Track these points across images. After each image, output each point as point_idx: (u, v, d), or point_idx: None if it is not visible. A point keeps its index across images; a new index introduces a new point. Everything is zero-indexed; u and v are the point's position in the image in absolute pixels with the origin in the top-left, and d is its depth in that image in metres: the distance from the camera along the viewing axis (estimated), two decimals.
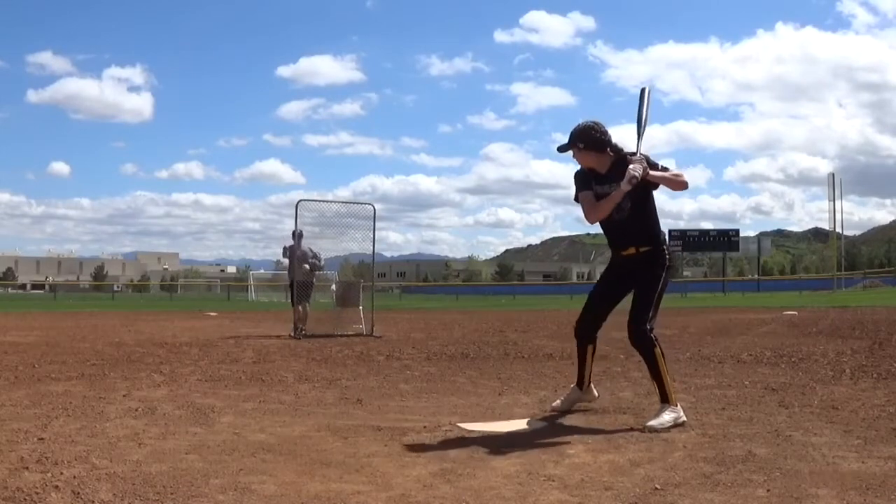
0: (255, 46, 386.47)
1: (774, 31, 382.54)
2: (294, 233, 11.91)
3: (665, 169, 4.16)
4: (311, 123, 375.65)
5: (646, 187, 4.12)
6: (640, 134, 4.22)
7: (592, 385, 4.63)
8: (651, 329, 4.12)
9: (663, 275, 4.19)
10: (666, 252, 4.24)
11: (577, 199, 4.33)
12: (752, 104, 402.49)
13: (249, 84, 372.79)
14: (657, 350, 4.11)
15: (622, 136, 4.38)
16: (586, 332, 4.45)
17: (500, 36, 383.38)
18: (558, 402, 4.62)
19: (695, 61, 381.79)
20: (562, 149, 4.24)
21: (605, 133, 4.18)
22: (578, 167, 4.30)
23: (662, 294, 4.22)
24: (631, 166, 3.99)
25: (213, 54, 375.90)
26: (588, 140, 4.14)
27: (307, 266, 11.91)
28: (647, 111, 4.29)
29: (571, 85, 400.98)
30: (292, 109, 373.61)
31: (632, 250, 4.24)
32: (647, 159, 4.08)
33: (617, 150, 4.18)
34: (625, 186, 4.00)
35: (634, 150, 4.13)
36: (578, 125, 4.21)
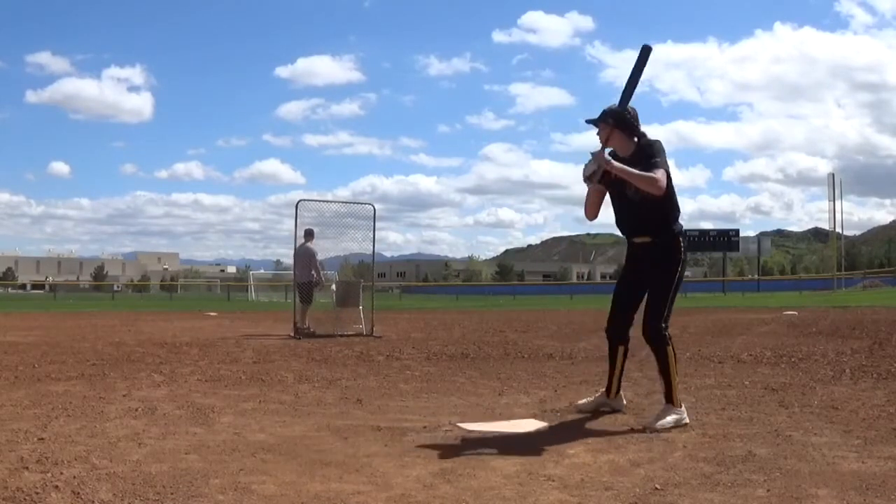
0: (254, 47, 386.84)
1: (773, 31, 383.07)
2: (306, 231, 11.99)
3: (652, 165, 3.97)
4: (311, 123, 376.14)
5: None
6: (626, 94, 4.11)
7: (622, 395, 4.52)
8: (666, 327, 4.10)
9: (679, 269, 4.12)
10: (682, 244, 4.16)
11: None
12: (751, 104, 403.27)
13: (248, 84, 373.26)
14: (669, 349, 4.09)
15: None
16: (616, 332, 4.37)
17: (499, 36, 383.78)
18: (584, 402, 4.57)
19: (693, 61, 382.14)
20: (590, 121, 4.21)
21: (637, 120, 4.16)
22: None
23: (678, 290, 4.15)
24: (588, 162, 4.05)
25: (211, 54, 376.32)
26: (619, 119, 4.11)
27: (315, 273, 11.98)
28: (639, 71, 4.14)
29: (570, 85, 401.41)
30: (291, 109, 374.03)
31: (646, 238, 4.18)
32: (647, 152, 4.03)
33: (641, 137, 4.14)
34: (586, 184, 4.11)
35: (654, 141, 4.08)
36: (613, 105, 4.18)
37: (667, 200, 4.07)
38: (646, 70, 4.17)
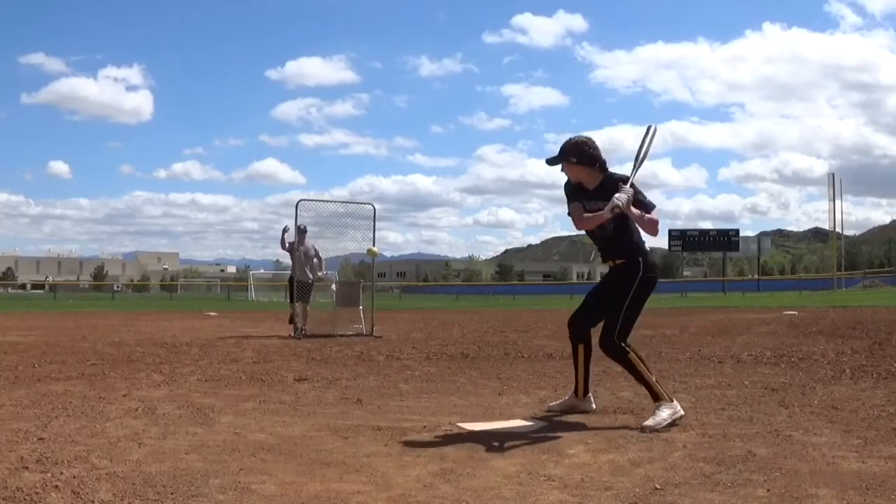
0: (248, 47, 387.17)
1: (762, 32, 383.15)
2: (298, 228, 11.91)
3: (648, 206, 4.17)
4: (306, 124, 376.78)
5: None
6: (636, 165, 4.25)
7: (591, 396, 4.52)
8: (621, 340, 4.16)
9: (634, 286, 4.20)
10: (641, 264, 4.22)
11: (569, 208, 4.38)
12: (742, 104, 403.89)
13: (244, 85, 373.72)
14: (631, 356, 4.16)
15: (614, 136, 4.38)
16: (576, 328, 4.43)
17: (489, 37, 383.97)
18: (556, 403, 4.63)
19: (684, 61, 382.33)
20: (551, 161, 4.26)
21: (597, 149, 4.23)
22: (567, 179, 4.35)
23: (636, 306, 4.22)
24: (617, 195, 4.04)
25: (207, 55, 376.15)
26: (580, 155, 4.19)
27: (312, 269, 11.91)
28: (647, 147, 4.30)
29: (562, 85, 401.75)
30: (287, 110, 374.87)
31: (611, 263, 4.35)
32: (635, 188, 4.15)
33: (604, 169, 4.23)
34: (606, 214, 4.08)
35: (628, 176, 4.19)
36: (571, 139, 4.26)
37: (632, 228, 4.24)
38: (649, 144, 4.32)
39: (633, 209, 4.11)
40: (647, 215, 4.17)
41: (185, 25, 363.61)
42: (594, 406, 4.51)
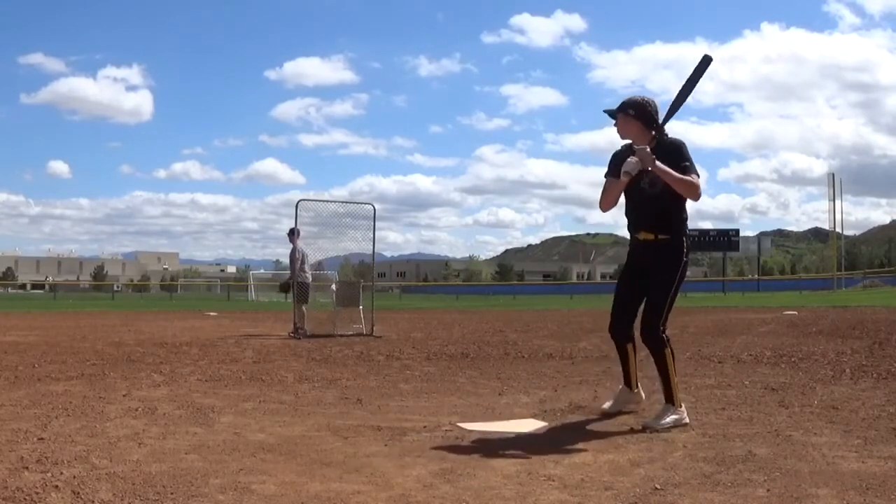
0: (249, 48, 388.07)
1: (761, 32, 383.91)
2: (291, 230, 11.88)
3: (686, 169, 3.96)
4: (305, 124, 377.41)
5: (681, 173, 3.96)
6: (675, 105, 4.07)
7: (640, 387, 4.46)
8: (664, 329, 4.08)
9: (680, 270, 4.07)
10: (685, 246, 4.10)
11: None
12: (741, 104, 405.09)
13: (243, 85, 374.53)
14: (667, 350, 4.06)
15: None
16: (620, 332, 4.30)
17: (488, 37, 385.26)
18: (608, 404, 4.45)
19: (683, 60, 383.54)
20: (609, 112, 4.20)
21: (657, 112, 4.12)
22: (617, 148, 4.22)
23: (678, 292, 4.11)
24: (631, 157, 3.92)
25: (207, 55, 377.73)
26: (640, 110, 4.10)
27: (299, 270, 11.86)
28: (692, 84, 4.06)
29: (561, 85, 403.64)
30: (287, 110, 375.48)
31: (650, 236, 4.12)
32: (674, 146, 4.00)
33: (660, 132, 4.07)
34: (623, 177, 3.95)
35: (661, 122, 4.06)
36: (635, 96, 4.20)
37: (682, 200, 4.07)
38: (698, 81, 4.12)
39: (659, 165, 3.89)
40: (680, 175, 3.90)
41: (184, 25, 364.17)
42: (644, 396, 4.46)
